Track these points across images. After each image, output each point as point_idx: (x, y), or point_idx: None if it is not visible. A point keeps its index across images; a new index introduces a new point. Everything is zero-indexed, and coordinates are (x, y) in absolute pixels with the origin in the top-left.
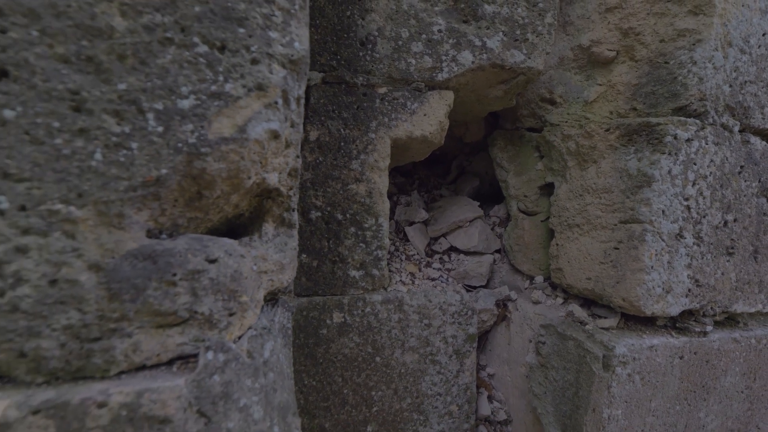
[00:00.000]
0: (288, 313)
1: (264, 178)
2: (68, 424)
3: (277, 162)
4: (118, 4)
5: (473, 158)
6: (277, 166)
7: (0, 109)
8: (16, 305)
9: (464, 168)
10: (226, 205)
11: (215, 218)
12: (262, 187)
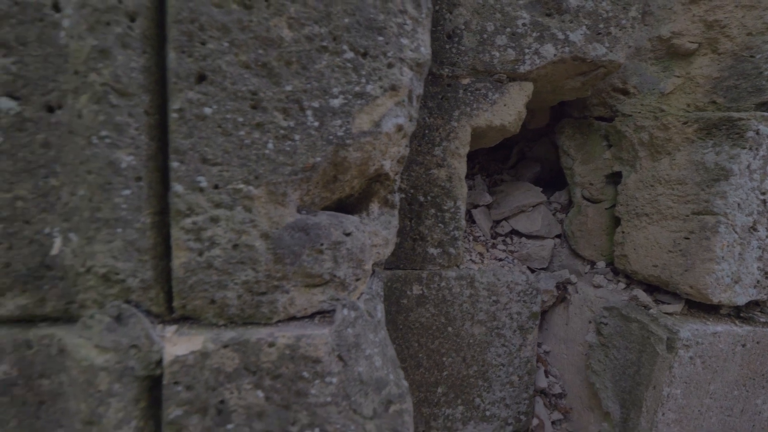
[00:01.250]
0: (380, 282)
1: (382, 164)
2: (248, 357)
3: (393, 151)
4: (287, 18)
5: (534, 144)
6: (393, 155)
7: (201, 106)
8: (210, 263)
9: (524, 154)
10: (347, 187)
11: (334, 198)
12: (378, 173)
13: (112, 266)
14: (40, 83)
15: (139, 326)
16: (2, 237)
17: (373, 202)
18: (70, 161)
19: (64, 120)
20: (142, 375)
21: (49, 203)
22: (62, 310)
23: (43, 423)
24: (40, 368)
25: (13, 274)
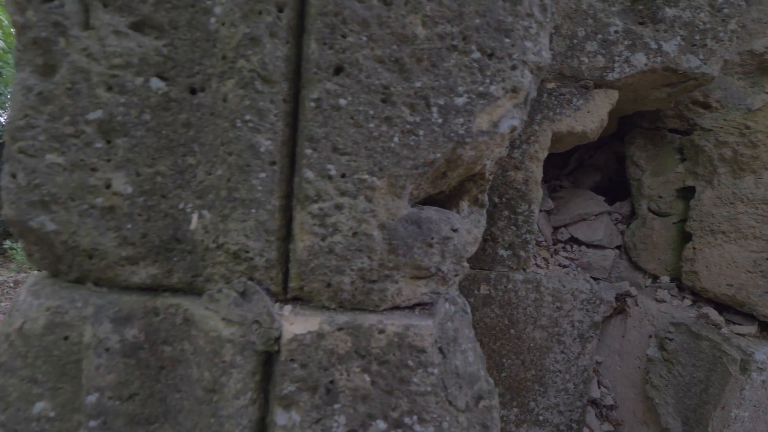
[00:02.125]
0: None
1: (485, 164)
2: (359, 341)
3: (497, 151)
4: (422, 16)
5: (594, 152)
6: (495, 155)
7: (337, 97)
8: (332, 248)
9: (583, 161)
10: (446, 184)
11: (432, 193)
12: (478, 172)
13: (243, 244)
14: (186, 66)
15: (262, 303)
16: (142, 209)
17: (464, 200)
18: (209, 142)
19: (206, 102)
20: (261, 350)
21: (185, 180)
22: (187, 282)
23: (161, 387)
24: (164, 335)
25: (148, 244)
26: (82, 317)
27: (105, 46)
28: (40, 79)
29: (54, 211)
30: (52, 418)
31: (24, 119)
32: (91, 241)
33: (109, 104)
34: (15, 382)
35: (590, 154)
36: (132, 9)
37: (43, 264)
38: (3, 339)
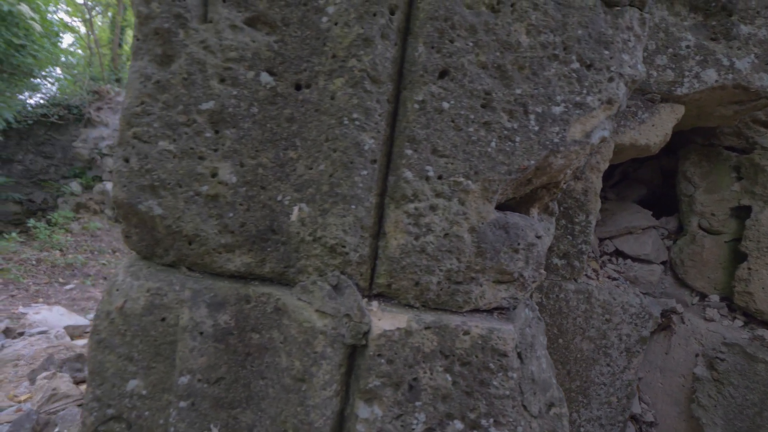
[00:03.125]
0: None
1: (566, 173)
2: (445, 341)
3: (582, 161)
4: (527, 25)
5: (640, 166)
6: (576, 165)
7: (440, 100)
8: (424, 248)
9: (627, 174)
10: (524, 191)
11: (510, 198)
12: (558, 180)
13: (341, 239)
14: (294, 62)
15: (353, 297)
16: (243, 199)
17: (534, 207)
18: (311, 137)
19: (311, 98)
20: (349, 343)
21: (285, 173)
22: (279, 273)
23: (246, 373)
24: (254, 323)
25: (246, 233)
26: (179, 300)
27: (221, 40)
28: (158, 69)
29: (162, 196)
30: (144, 395)
31: (140, 106)
32: (194, 227)
33: (222, 96)
34: (112, 359)
35: (635, 167)
36: (249, 4)
37: (139, 246)
38: (103, 316)
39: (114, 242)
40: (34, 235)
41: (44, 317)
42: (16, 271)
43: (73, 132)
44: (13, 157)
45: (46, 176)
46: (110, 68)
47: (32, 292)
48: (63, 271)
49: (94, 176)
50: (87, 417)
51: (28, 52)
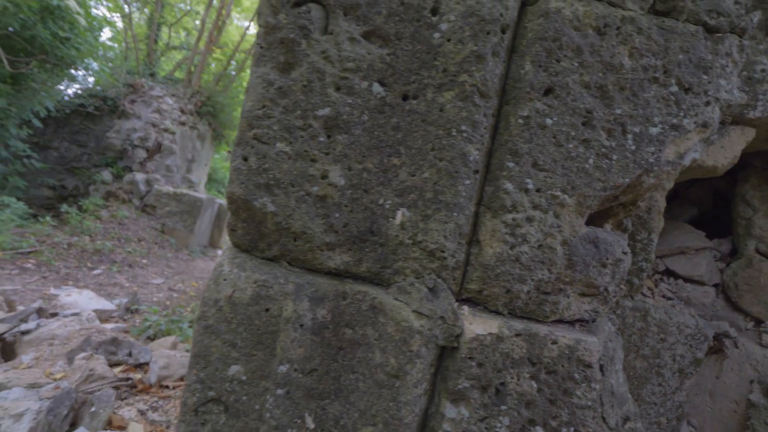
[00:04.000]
0: None
1: (650, 192)
2: (533, 349)
3: (669, 181)
4: (630, 48)
5: (691, 185)
6: (665, 185)
7: (544, 117)
8: (518, 257)
9: (678, 193)
10: (602, 207)
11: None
12: (637, 198)
13: (441, 244)
14: (404, 74)
15: (447, 301)
16: (348, 201)
17: (608, 223)
18: (416, 145)
19: (418, 109)
20: (441, 344)
21: (387, 178)
22: (374, 272)
23: (337, 366)
24: (348, 318)
25: (347, 233)
26: (284, 293)
27: (340, 51)
28: (280, 75)
29: (276, 194)
30: (243, 381)
31: (262, 109)
32: (302, 224)
33: (337, 103)
34: (218, 344)
35: (686, 186)
36: (367, 19)
37: (243, 240)
38: (212, 303)
39: (139, 231)
40: (65, 220)
41: (74, 300)
42: (49, 253)
43: (107, 122)
44: (49, 144)
45: (79, 164)
46: (145, 63)
47: (62, 275)
48: (91, 257)
49: (124, 166)
50: (189, 397)
51: (72, 45)
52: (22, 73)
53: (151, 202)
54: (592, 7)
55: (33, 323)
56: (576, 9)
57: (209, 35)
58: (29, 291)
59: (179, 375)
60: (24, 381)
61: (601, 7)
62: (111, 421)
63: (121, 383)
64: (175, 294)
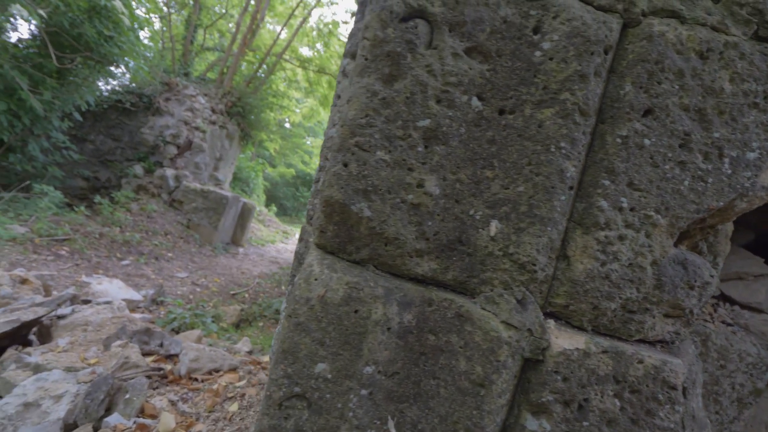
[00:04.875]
0: None
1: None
2: (619, 367)
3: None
4: (731, 72)
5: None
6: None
7: (642, 137)
8: (608, 275)
9: None
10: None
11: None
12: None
13: (533, 257)
14: (501, 89)
15: (535, 313)
16: (441, 210)
17: (682, 244)
18: (511, 159)
19: (514, 124)
20: (527, 356)
21: (479, 190)
22: (460, 281)
23: (418, 371)
24: (432, 325)
25: (437, 241)
26: (373, 296)
27: (443, 65)
28: (383, 86)
29: (372, 200)
30: (328, 379)
31: (365, 118)
32: (395, 230)
33: (438, 115)
34: (307, 342)
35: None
36: (470, 35)
37: (332, 242)
38: (303, 302)
39: (166, 225)
40: (98, 210)
41: (105, 288)
42: (81, 242)
43: (141, 119)
44: (86, 137)
45: (113, 157)
46: (180, 62)
47: (93, 264)
48: (120, 247)
49: (155, 161)
50: (275, 392)
51: (115, 43)
52: (67, 69)
53: (178, 197)
54: (695, 32)
55: (68, 309)
56: (680, 33)
57: (243, 38)
58: (63, 277)
59: (208, 369)
60: (62, 364)
61: (705, 32)
62: (143, 408)
63: (153, 372)
64: (198, 288)
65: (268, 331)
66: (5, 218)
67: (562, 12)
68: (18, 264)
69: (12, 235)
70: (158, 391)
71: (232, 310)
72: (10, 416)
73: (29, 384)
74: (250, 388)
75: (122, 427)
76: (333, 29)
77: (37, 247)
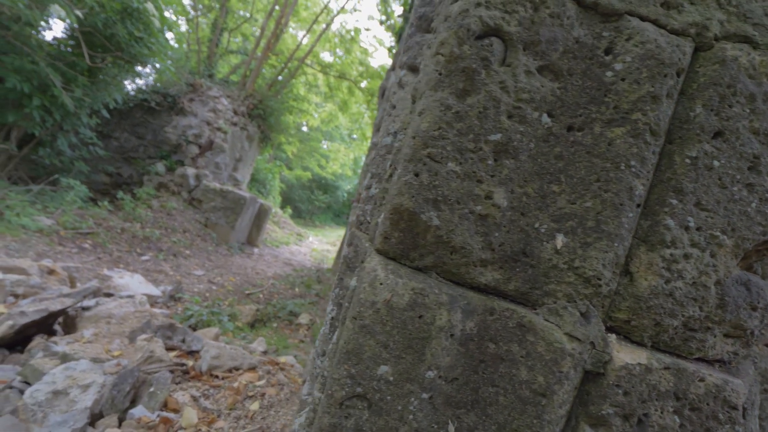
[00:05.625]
0: None
1: None
2: (680, 384)
3: None
4: None
5: None
6: None
7: (711, 159)
8: (672, 292)
9: None
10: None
11: None
12: None
13: (599, 272)
14: (570, 107)
15: (598, 327)
16: (507, 222)
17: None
18: (578, 175)
19: (583, 141)
20: (588, 369)
21: (545, 204)
22: (521, 292)
23: (477, 378)
24: (493, 333)
25: (501, 252)
26: (438, 303)
27: (517, 82)
28: (457, 101)
29: (442, 209)
30: (389, 381)
31: (438, 131)
32: (462, 240)
33: (509, 130)
34: (371, 344)
35: None
36: (544, 54)
37: (396, 248)
38: (368, 305)
39: (185, 223)
40: (120, 205)
41: (126, 282)
42: (104, 236)
43: (165, 118)
44: (111, 134)
45: (136, 154)
46: (205, 64)
47: (115, 257)
48: (141, 243)
49: (177, 160)
50: (337, 391)
51: (145, 44)
52: (98, 67)
53: (198, 196)
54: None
55: (92, 301)
56: (752, 58)
57: (267, 42)
58: (86, 270)
59: (228, 367)
60: (88, 354)
61: None
62: (167, 402)
63: (175, 367)
64: (214, 287)
65: (281, 332)
66: (33, 210)
67: (635, 35)
68: (44, 255)
69: (39, 226)
70: (180, 386)
71: (248, 310)
72: (40, 403)
73: (58, 372)
74: (269, 388)
75: (146, 420)
76: (355, 36)
77: (62, 239)
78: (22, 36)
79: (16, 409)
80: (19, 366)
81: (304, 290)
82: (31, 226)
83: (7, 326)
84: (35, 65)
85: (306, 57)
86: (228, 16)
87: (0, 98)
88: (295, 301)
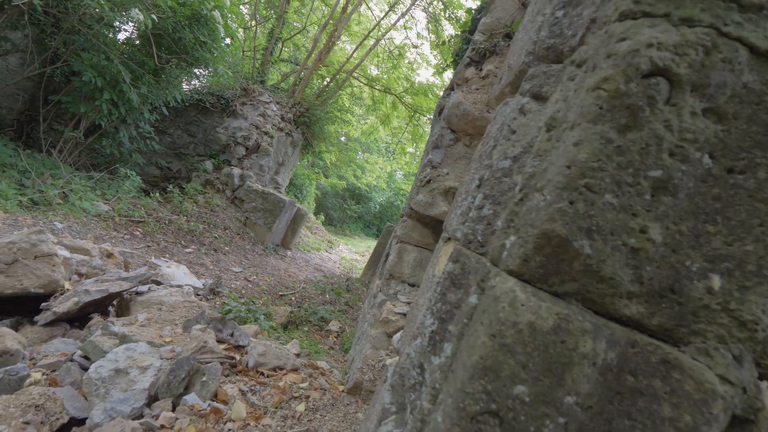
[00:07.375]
0: None
1: None
2: None
3: None
4: None
5: None
6: None
7: None
8: None
9: None
10: None
11: None
12: None
13: (757, 317)
14: (733, 150)
15: (751, 372)
16: (659, 257)
17: None
18: (738, 218)
19: (744, 184)
20: (738, 414)
21: (698, 243)
22: (665, 328)
23: (611, 409)
24: (632, 366)
25: (648, 286)
26: (582, 330)
27: (681, 122)
28: (617, 135)
29: (594, 239)
30: (525, 402)
31: (597, 162)
32: (612, 271)
33: (670, 168)
34: (511, 362)
35: None
36: (710, 97)
37: (535, 271)
38: (510, 324)
39: (226, 220)
40: (168, 198)
41: (173, 272)
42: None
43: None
44: (166, 130)
45: (186, 151)
46: (258, 71)
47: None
48: (185, 235)
49: (224, 159)
50: (471, 405)
51: (208, 49)
52: (162, 67)
53: (240, 195)
54: None
55: (145, 287)
56: None
57: (319, 54)
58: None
59: (273, 365)
60: (144, 338)
61: None
62: (217, 393)
63: (225, 360)
64: (250, 285)
65: (312, 337)
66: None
67: None
68: (101, 238)
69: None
70: (229, 379)
71: (282, 311)
72: (104, 378)
73: (120, 352)
74: (313, 391)
75: (198, 408)
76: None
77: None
78: (101, 35)
79: (76, 382)
80: (79, 341)
81: (334, 297)
82: (91, 211)
83: (72, 302)
84: (109, 62)
85: (354, 70)
86: (285, 26)
87: (76, 90)
88: (326, 308)
